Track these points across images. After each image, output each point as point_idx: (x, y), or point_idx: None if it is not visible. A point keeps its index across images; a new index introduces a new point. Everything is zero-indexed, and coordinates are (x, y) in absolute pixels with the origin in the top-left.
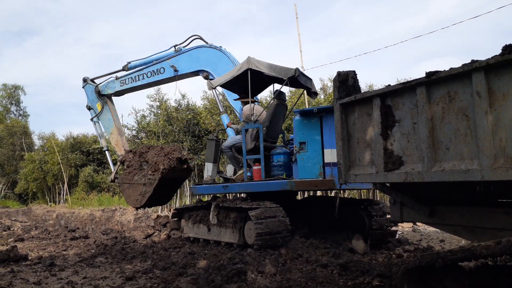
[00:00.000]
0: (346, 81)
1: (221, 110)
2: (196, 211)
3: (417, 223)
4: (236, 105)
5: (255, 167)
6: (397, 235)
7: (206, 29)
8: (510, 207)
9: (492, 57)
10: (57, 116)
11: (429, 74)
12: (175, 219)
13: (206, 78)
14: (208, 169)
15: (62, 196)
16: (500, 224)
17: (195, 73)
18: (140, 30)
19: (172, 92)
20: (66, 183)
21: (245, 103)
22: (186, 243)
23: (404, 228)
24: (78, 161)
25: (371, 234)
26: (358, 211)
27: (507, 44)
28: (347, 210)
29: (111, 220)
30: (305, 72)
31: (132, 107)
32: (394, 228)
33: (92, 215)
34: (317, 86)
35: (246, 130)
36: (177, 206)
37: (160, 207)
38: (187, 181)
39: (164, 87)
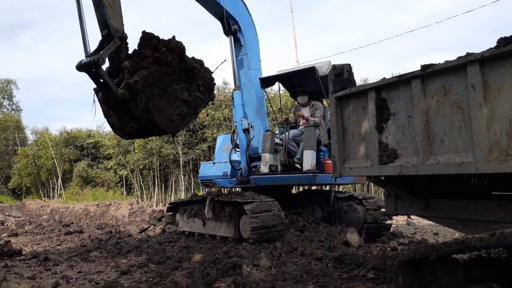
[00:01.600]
0: (341, 75)
1: (237, 85)
2: (191, 205)
3: (411, 217)
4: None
5: (327, 161)
6: (391, 229)
7: (201, 24)
8: (504, 200)
9: (487, 50)
10: (51, 111)
11: (424, 67)
12: (170, 213)
13: (233, 32)
14: (313, 157)
15: (56, 191)
16: (494, 216)
17: (225, 19)
18: (134, 25)
19: None
20: (60, 178)
21: (309, 97)
22: (181, 237)
23: (398, 221)
24: (72, 156)
25: (365, 227)
26: (352, 205)
27: (502, 37)
28: (342, 204)
29: (105, 214)
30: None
31: None
32: (388, 222)
33: (87, 209)
34: None
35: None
36: (172, 200)
37: (155, 201)
38: (182, 176)
39: None
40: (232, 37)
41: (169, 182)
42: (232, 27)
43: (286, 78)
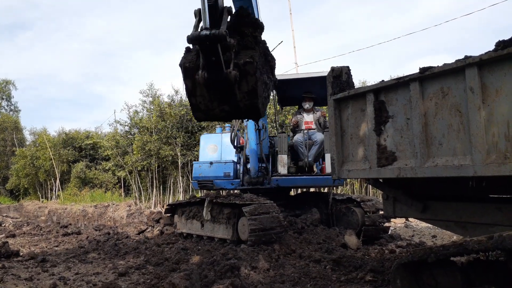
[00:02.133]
0: (340, 77)
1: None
2: (189, 206)
3: (409, 219)
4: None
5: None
6: (389, 231)
7: None
8: (502, 203)
9: (486, 53)
10: (49, 111)
11: (423, 70)
12: (168, 214)
13: None
14: None
15: (54, 192)
16: (491, 219)
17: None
18: (133, 25)
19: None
20: (58, 179)
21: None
22: (179, 239)
23: (396, 223)
24: (70, 157)
25: (364, 230)
26: (351, 207)
27: (501, 39)
28: (340, 206)
29: (103, 216)
30: (299, 69)
31: (125, 103)
32: (386, 224)
33: (85, 211)
34: None
35: None
36: (170, 201)
37: (153, 203)
38: (181, 177)
39: (157, 82)
40: None
41: (167, 184)
42: None
43: (290, 83)
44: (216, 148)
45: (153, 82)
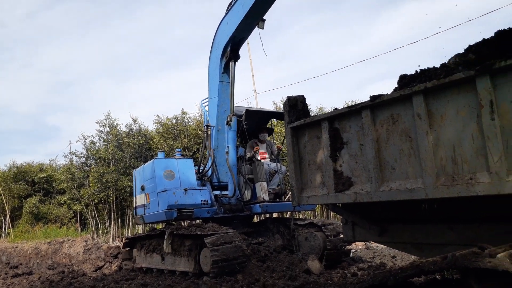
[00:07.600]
0: (295, 106)
1: (233, 112)
2: (149, 239)
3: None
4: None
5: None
6: (351, 254)
7: (160, 53)
8: (453, 223)
9: (430, 81)
10: (0, 144)
11: (373, 98)
12: (127, 249)
13: (238, 57)
14: None
15: (3, 230)
16: (445, 239)
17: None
18: (92, 54)
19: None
20: (8, 215)
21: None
22: (138, 274)
23: (357, 246)
24: (22, 192)
25: (326, 254)
26: (313, 232)
27: (444, 68)
28: (302, 231)
29: (58, 253)
30: (258, 96)
31: (81, 133)
32: (348, 247)
33: (37, 248)
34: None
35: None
36: (129, 235)
37: (111, 237)
38: None
39: (114, 111)
40: (233, 63)
41: (126, 216)
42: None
43: (256, 116)
44: (173, 174)
45: (110, 111)
